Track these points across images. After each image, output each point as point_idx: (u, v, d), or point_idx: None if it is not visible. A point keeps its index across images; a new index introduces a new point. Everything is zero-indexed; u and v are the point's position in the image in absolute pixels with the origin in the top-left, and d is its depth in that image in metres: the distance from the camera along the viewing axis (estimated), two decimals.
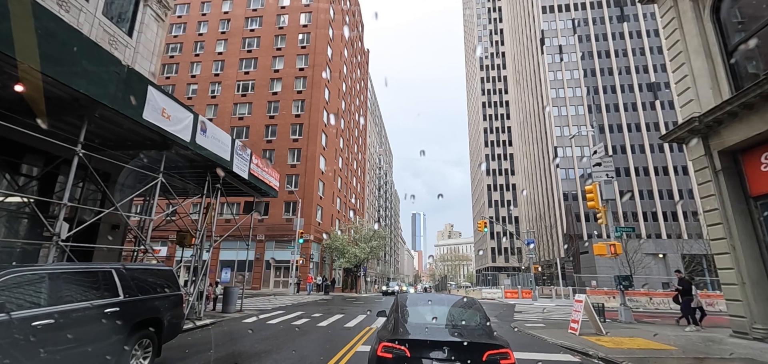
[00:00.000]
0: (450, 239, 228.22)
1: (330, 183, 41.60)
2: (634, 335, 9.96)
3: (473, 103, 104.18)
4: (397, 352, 3.62)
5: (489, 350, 3.61)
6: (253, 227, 35.25)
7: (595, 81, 63.32)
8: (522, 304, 25.08)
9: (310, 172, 36.04)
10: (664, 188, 56.70)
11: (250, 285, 33.73)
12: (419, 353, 3.59)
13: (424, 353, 3.58)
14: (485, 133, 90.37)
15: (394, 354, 3.63)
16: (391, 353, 3.64)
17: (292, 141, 37.20)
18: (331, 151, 42.28)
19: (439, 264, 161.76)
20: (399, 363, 3.58)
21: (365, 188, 67.12)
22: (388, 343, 3.72)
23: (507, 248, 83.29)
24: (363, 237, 37.93)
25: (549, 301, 28.98)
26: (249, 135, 38.00)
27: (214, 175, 12.35)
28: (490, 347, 3.64)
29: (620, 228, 14.76)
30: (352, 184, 54.71)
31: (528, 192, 76.57)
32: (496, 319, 14.20)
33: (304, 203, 34.98)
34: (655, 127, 59.40)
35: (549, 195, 64.31)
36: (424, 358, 3.54)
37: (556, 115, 63.21)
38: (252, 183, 14.32)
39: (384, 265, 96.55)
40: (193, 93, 40.31)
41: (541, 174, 68.11)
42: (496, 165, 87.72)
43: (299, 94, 38.44)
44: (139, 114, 8.40)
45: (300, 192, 35.26)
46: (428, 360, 3.53)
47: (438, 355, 3.54)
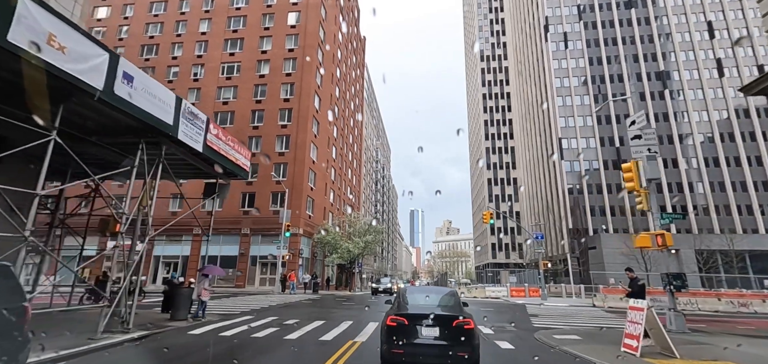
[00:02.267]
0: (448, 236, 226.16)
1: (322, 174, 38.82)
2: (714, 355, 7.31)
3: (473, 95, 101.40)
4: (399, 322, 5.60)
5: (456, 319, 5.56)
6: (240, 220, 32.47)
7: (602, 70, 60.62)
8: (532, 305, 22.47)
9: (300, 160, 33.24)
10: (674, 181, 54.21)
11: (234, 283, 31.03)
12: (414, 322, 5.57)
13: (418, 322, 5.55)
14: (486, 125, 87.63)
15: (397, 323, 5.60)
16: (395, 323, 5.61)
17: (281, 127, 34.35)
18: (324, 139, 39.46)
19: (437, 260, 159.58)
20: (401, 329, 5.55)
21: (361, 182, 64.37)
22: (393, 316, 5.72)
23: (507, 243, 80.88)
24: (357, 231, 35.22)
25: (560, 300, 26.40)
26: (234, 121, 35.11)
27: (151, 144, 9.55)
28: (458, 318, 5.59)
29: (667, 215, 12.05)
30: (347, 176, 51.93)
31: (530, 186, 74.00)
32: (512, 327, 11.54)
33: (293, 194, 32.21)
34: (663, 118, 56.84)
35: (553, 189, 61.75)
36: (417, 325, 5.49)
37: (561, 106, 60.51)
38: (210, 159, 11.54)
39: (381, 261, 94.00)
40: (174, 76, 37.33)
41: (544, 167, 65.49)
42: (496, 158, 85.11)
43: (288, 77, 35.55)
44: None
45: (288, 182, 32.48)
46: (420, 326, 5.49)
47: (426, 322, 5.52)
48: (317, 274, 32.11)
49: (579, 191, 55.30)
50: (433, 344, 5.34)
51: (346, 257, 32.73)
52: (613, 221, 53.87)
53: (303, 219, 32.73)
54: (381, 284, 30.05)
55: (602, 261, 43.42)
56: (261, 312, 14.18)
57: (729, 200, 51.78)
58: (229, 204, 32.54)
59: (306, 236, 33.81)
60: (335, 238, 33.00)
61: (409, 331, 5.45)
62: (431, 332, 5.44)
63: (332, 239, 32.77)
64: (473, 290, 30.50)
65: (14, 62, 6.05)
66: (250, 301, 19.32)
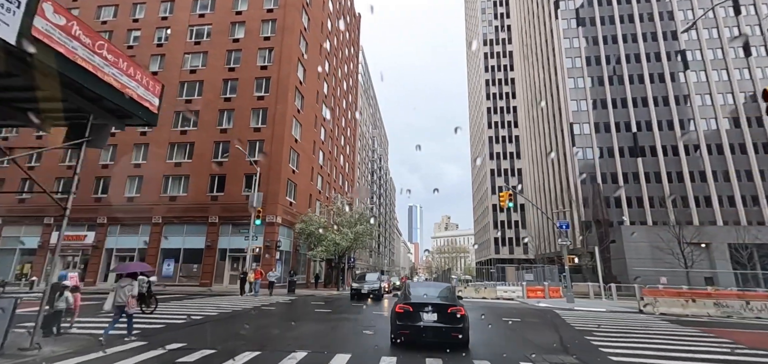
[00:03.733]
0: (447, 231, 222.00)
1: (308, 156, 33.91)
2: None
3: (475, 83, 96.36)
4: (406, 308, 7.22)
5: (451, 307, 7.20)
6: (207, 206, 27.52)
7: (617, 49, 55.78)
8: (562, 309, 17.77)
9: (279, 137, 28.31)
10: (696, 170, 49.62)
11: (199, 280, 26.20)
12: (417, 309, 7.17)
13: (420, 309, 7.15)
14: (489, 113, 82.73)
15: (404, 310, 7.22)
16: (402, 310, 7.24)
17: (257, 99, 29.38)
18: (309, 117, 34.50)
19: (436, 256, 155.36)
20: (407, 314, 7.18)
21: (355, 170, 59.47)
22: (401, 304, 7.40)
23: (511, 238, 76.33)
24: (346, 221, 30.36)
25: (589, 302, 21.70)
26: (202, 92, 30.11)
27: None
28: (452, 306, 7.24)
29: None
30: (339, 162, 47.03)
31: (536, 177, 69.28)
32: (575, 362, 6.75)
33: (270, 177, 27.32)
34: (684, 100, 52.12)
35: (562, 179, 57.03)
36: (420, 311, 7.04)
37: (572, 88, 55.68)
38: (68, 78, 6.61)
39: (378, 256, 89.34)
40: (135, 41, 32.22)
41: (552, 156, 60.71)
42: (500, 148, 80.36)
43: (266, 42, 30.52)
44: None
45: (264, 162, 27.57)
46: (422, 312, 7.05)
47: (427, 309, 7.14)
48: (296, 271, 27.22)
49: (594, 179, 50.57)
50: (433, 326, 6.95)
51: (332, 250, 27.86)
52: (629, 213, 49.27)
53: (282, 206, 27.86)
54: (366, 282, 19.07)
55: (623, 256, 38.80)
56: (185, 329, 9.34)
57: (757, 190, 47.21)
58: (194, 187, 27.72)
59: (286, 226, 28.96)
60: (320, 228, 28.13)
61: (414, 316, 7.15)
62: (431, 317, 7.14)
63: (316, 229, 27.89)
64: (481, 290, 25.75)
65: None
66: (200, 306, 14.49)
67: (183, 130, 29.30)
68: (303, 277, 33.62)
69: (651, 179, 50.26)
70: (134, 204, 27.95)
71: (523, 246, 74.99)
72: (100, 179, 28.91)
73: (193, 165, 28.36)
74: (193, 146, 28.86)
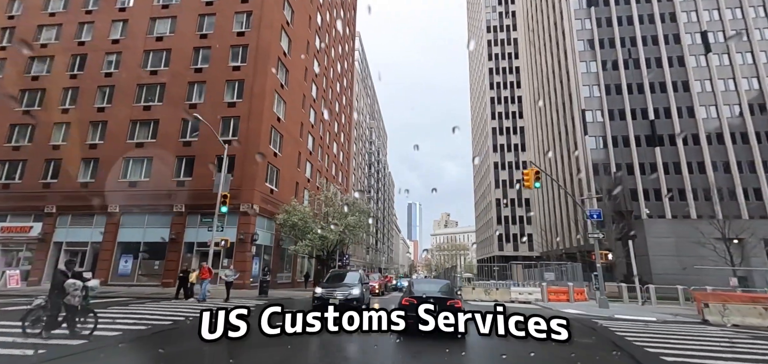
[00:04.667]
0: (446, 228, 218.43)
1: (294, 139, 30.03)
2: None
3: (477, 73, 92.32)
4: (410, 301, 8.58)
5: (450, 300, 8.84)
6: (173, 193, 23.51)
7: (633, 30, 51.80)
8: (599, 317, 13.97)
9: (257, 114, 24.40)
10: (719, 160, 45.79)
11: (161, 279, 22.33)
12: (420, 301, 8.04)
13: (422, 301, 7.55)
14: (492, 104, 78.78)
15: (409, 302, 8.59)
16: (408, 302, 8.65)
17: (232, 70, 25.44)
18: (296, 95, 30.60)
19: (435, 254, 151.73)
20: (412, 305, 7.85)
21: (351, 160, 55.56)
22: (406, 298, 9.00)
23: (516, 234, 72.56)
24: (336, 212, 26.47)
25: (626, 307, 17.89)
26: (170, 62, 26.15)
27: None
28: (451, 299, 9.02)
29: None
30: (332, 150, 43.13)
31: (543, 169, 65.39)
32: None
33: (245, 158, 23.44)
34: (706, 86, 48.22)
35: (573, 170, 53.17)
36: (422, 303, 6.22)
37: (584, 73, 51.76)
38: None
39: (376, 253, 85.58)
40: (94, 4, 28.21)
41: (562, 146, 56.81)
42: (504, 140, 76.46)
43: (244, 4, 26.54)
44: None
45: (241, 143, 23.72)
46: (425, 303, 6.09)
47: (428, 302, 7.55)
48: (269, 268, 23.28)
49: (605, 170, 46.72)
50: None
51: (317, 244, 23.95)
52: (647, 205, 45.46)
53: (260, 193, 23.97)
54: (341, 287, 12.22)
55: (646, 252, 35.05)
56: None
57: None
58: (158, 171, 23.82)
59: (266, 217, 25.08)
60: (304, 218, 24.22)
61: (417, 307, 6.57)
62: (432, 308, 6.74)
63: (300, 220, 23.98)
64: (492, 291, 21.91)
65: None
66: (129, 314, 10.62)
67: (147, 105, 25.35)
68: (289, 275, 29.82)
69: (670, 170, 46.46)
70: (89, 191, 24.04)
71: (529, 242, 71.31)
72: (50, 162, 24.97)
73: (157, 146, 24.44)
74: (157, 124, 24.94)
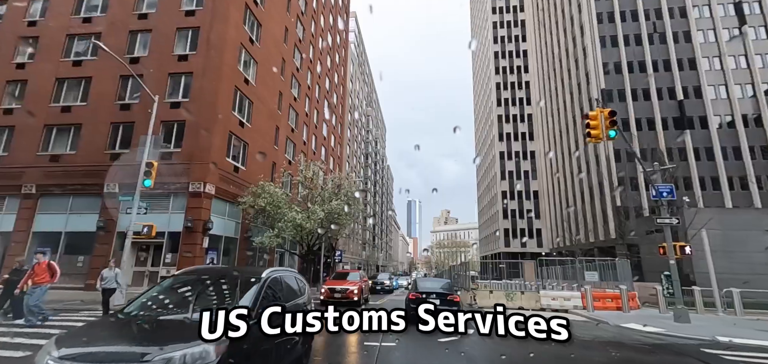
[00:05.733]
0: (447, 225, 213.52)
1: (269, 111, 24.82)
2: None
3: (481, 58, 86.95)
4: (416, 296, 10.89)
5: (450, 295, 11.01)
6: (104, 169, 17.42)
7: (658, 1, 46.49)
8: (685, 336, 8.84)
9: (214, 70, 19.16)
10: (758, 144, 40.66)
11: (86, 280, 17.13)
12: (425, 296, 10.86)
13: (427, 297, 10.80)
14: (498, 89, 73.47)
15: (415, 296, 10.87)
16: (414, 297, 10.89)
17: (184, 15, 20.17)
18: (273, 56, 25.36)
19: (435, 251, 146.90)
20: (417, 300, 10.57)
21: (344, 147, 50.34)
22: (412, 293, 11.30)
23: (523, 228, 67.46)
24: (318, 195, 21.21)
25: (710, 321, 12.78)
26: (107, 7, 20.87)
27: None
28: (450, 294, 11.13)
29: None
30: (321, 132, 37.91)
31: (556, 158, 60.16)
32: None
33: (200, 127, 18.23)
34: (741, 62, 43.01)
35: (591, 158, 47.98)
36: (427, 298, 10.53)
37: (604, 49, 46.51)
38: None
39: (373, 250, 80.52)
40: None
41: (577, 131, 51.59)
42: (511, 128, 71.22)
43: None
44: None
45: (193, 104, 18.53)
46: (429, 297, 10.60)
47: (432, 296, 10.81)
48: (212, 261, 17.96)
49: (628, 157, 41.60)
50: (437, 308, 5.93)
51: (291, 234, 18.65)
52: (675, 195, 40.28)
53: (218, 171, 18.76)
54: None
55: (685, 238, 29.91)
56: None
57: None
58: (87, 142, 18.66)
59: (227, 200, 19.89)
60: (276, 203, 18.94)
61: (422, 301, 10.08)
62: (435, 301, 10.48)
63: (270, 204, 18.69)
64: (516, 296, 16.73)
65: None
66: None
67: (77, 60, 20.09)
68: None
69: (701, 156, 41.36)
70: None
71: (537, 238, 66.22)
72: None
73: (88, 111, 19.23)
74: (89, 83, 19.69)
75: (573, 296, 16.20)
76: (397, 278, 39.37)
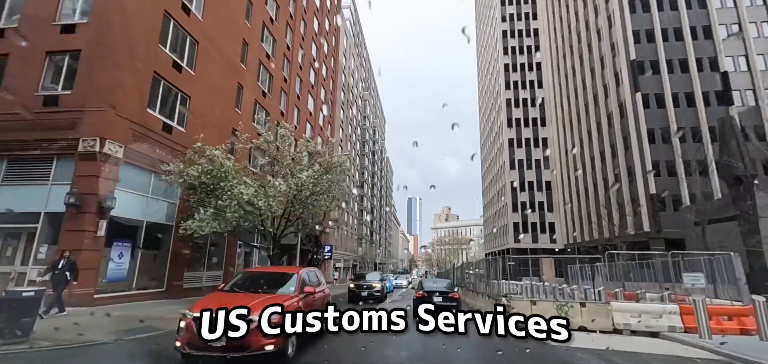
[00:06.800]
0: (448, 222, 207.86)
1: (228, 62, 18.92)
2: None
3: (488, 37, 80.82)
4: (422, 294, 13.16)
5: (451, 293, 13.22)
6: None
7: None
8: None
9: None
10: None
11: None
12: (429, 295, 12.85)
13: (431, 295, 12.77)
14: (506, 71, 67.43)
15: (421, 295, 13.15)
16: (420, 295, 13.17)
17: None
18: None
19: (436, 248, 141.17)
20: (422, 298, 12.78)
21: (336, 129, 44.37)
22: (419, 291, 13.63)
23: (535, 223, 61.60)
24: (286, 167, 15.23)
25: None
26: None
27: None
28: (451, 292, 13.30)
29: None
30: (305, 105, 31.94)
31: (571, 144, 54.16)
32: None
33: (100, 57, 12.28)
34: None
35: (616, 141, 41.98)
36: (432, 296, 12.62)
37: (634, 16, 40.48)
38: None
39: (371, 246, 74.69)
40: None
41: (599, 113, 45.57)
42: (520, 113, 65.24)
43: None
44: None
45: (91, 26, 12.56)
46: (432, 295, 12.68)
47: (436, 295, 12.82)
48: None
49: (664, 139, 35.63)
50: (439, 304, 10.44)
51: (236, 216, 12.52)
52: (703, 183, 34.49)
53: (132, 124, 12.80)
54: None
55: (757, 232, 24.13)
56: None
57: None
58: None
59: (146, 168, 13.90)
60: (219, 173, 12.94)
61: (427, 299, 12.28)
62: (438, 299, 12.41)
63: (207, 173, 12.70)
64: (575, 310, 10.86)
65: None
66: None
67: None
68: (216, 275, 18.67)
69: (749, 135, 35.43)
70: None
71: (549, 232, 60.37)
72: None
73: None
74: None
75: (667, 310, 10.31)
76: (395, 278, 33.30)
